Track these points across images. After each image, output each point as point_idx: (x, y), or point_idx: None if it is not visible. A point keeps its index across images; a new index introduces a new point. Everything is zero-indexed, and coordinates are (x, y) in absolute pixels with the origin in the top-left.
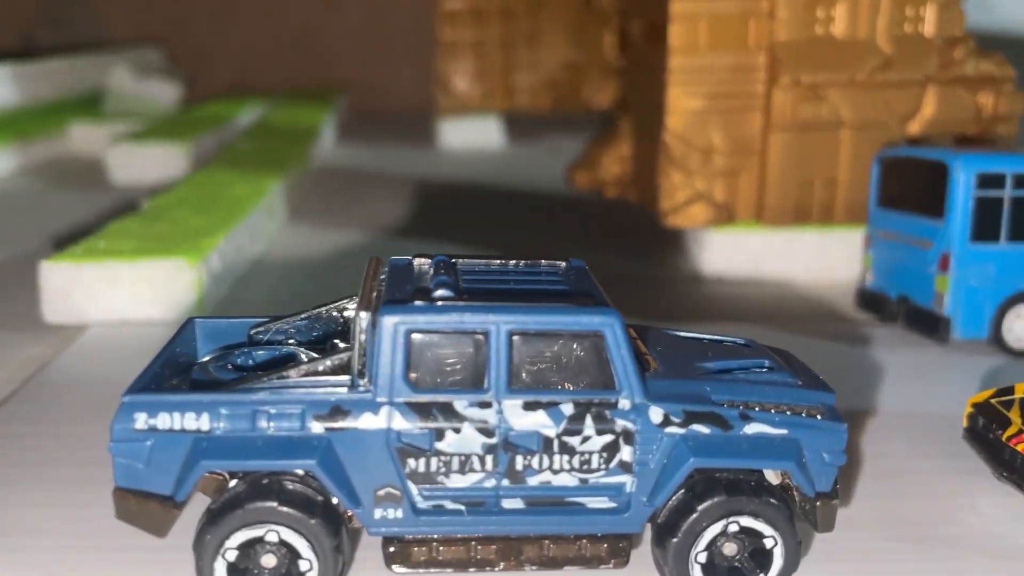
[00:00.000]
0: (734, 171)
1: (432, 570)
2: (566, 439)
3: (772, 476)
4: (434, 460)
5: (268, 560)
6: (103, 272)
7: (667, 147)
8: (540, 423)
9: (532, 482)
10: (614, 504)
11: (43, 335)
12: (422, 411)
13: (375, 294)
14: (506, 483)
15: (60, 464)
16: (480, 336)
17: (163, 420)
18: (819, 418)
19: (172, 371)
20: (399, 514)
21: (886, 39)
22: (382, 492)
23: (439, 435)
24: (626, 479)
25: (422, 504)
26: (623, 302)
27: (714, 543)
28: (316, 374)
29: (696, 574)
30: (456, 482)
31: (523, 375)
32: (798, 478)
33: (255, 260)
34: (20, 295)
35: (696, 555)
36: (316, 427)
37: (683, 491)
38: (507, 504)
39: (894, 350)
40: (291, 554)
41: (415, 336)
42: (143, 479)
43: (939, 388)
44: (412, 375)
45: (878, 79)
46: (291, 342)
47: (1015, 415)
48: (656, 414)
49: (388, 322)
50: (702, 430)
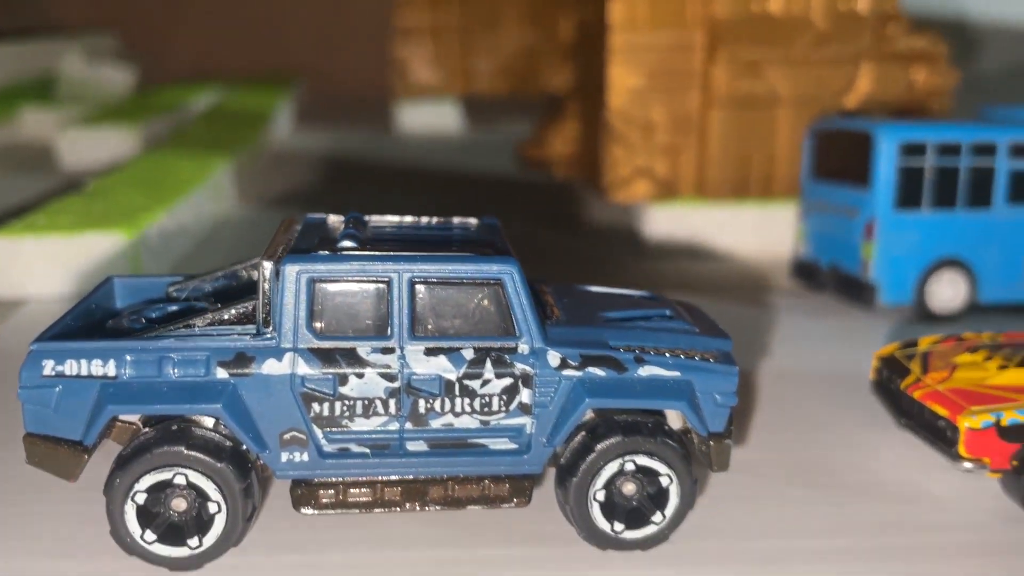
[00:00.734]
0: (675, 147)
1: (339, 511)
2: (467, 383)
3: (675, 420)
4: (338, 404)
5: (178, 504)
6: (41, 247)
7: (609, 124)
8: (442, 367)
9: (435, 425)
10: (515, 445)
11: None
12: (325, 357)
13: (283, 247)
14: (409, 426)
15: None
16: (383, 284)
17: (70, 367)
18: (712, 362)
19: (88, 325)
20: (305, 457)
21: (821, 15)
22: (288, 436)
23: (343, 380)
24: (526, 420)
25: (327, 447)
26: (566, 275)
27: (612, 482)
28: (222, 323)
29: (595, 512)
30: (360, 425)
31: (425, 322)
32: (691, 418)
33: (202, 240)
34: None
35: (595, 493)
36: (221, 373)
37: (583, 433)
38: (411, 446)
39: (823, 316)
40: (200, 497)
41: (318, 285)
42: (52, 424)
43: (860, 350)
44: (316, 323)
45: (813, 55)
46: (206, 298)
47: (915, 366)
48: (554, 358)
49: (291, 271)
50: (598, 373)
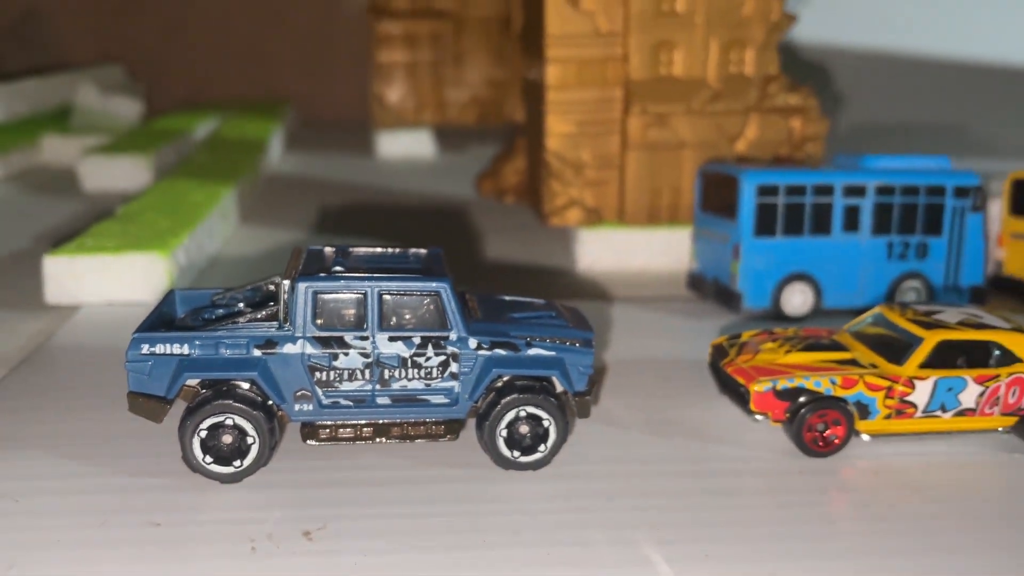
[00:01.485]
0: (600, 181)
1: (331, 443)
2: (416, 359)
3: (558, 385)
4: (332, 373)
5: (226, 438)
6: (92, 264)
7: (547, 163)
8: (399, 349)
9: (395, 386)
10: (448, 400)
11: (45, 314)
12: (324, 342)
13: (295, 270)
14: (378, 387)
15: (71, 402)
16: (361, 295)
17: (159, 348)
18: (578, 346)
19: (163, 322)
20: (310, 408)
21: (715, 77)
22: (299, 393)
23: (335, 357)
24: (455, 384)
25: (325, 401)
26: (510, 285)
27: (512, 424)
28: (256, 320)
29: (501, 445)
30: (346, 387)
31: (389, 319)
32: (563, 382)
33: (212, 255)
34: (24, 283)
35: (500, 431)
36: (256, 352)
37: (493, 392)
38: (379, 400)
39: (702, 317)
40: (241, 434)
41: (319, 295)
42: (146, 385)
43: None
44: (317, 320)
45: (710, 109)
46: (240, 304)
47: (733, 351)
48: (473, 343)
49: (301, 286)
50: (501, 352)
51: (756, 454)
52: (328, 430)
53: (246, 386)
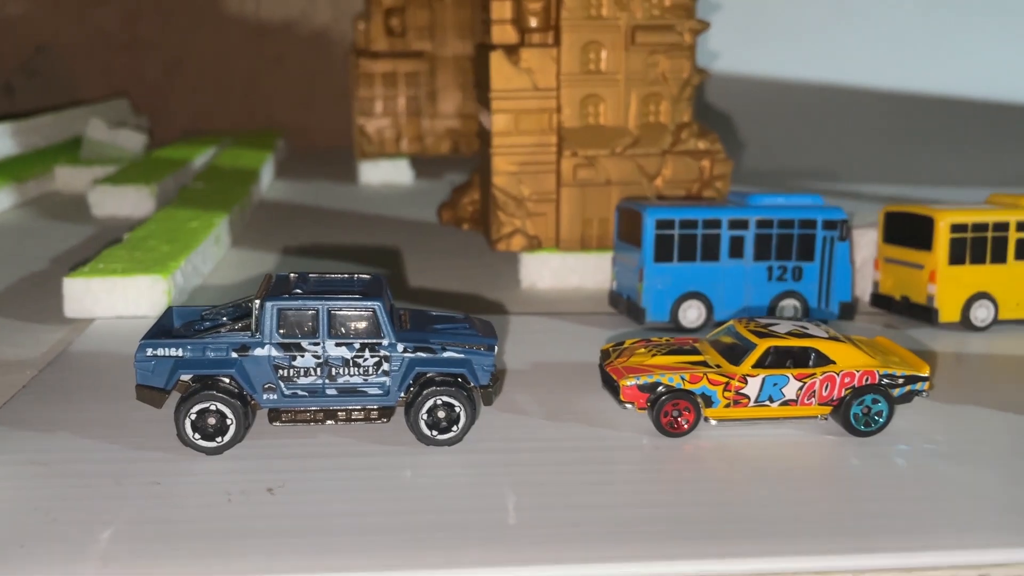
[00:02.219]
0: (539, 213)
1: (291, 424)
2: (356, 359)
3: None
4: (291, 370)
5: (211, 420)
6: (104, 284)
7: (494, 197)
8: (344, 352)
9: (340, 381)
10: (382, 391)
11: (65, 326)
12: (286, 347)
13: (265, 292)
14: (327, 381)
15: (88, 395)
16: (314, 311)
17: (160, 351)
18: (482, 350)
19: (164, 331)
20: (275, 397)
21: (635, 125)
22: (266, 386)
23: (293, 358)
24: (386, 379)
25: (286, 392)
26: (463, 300)
27: (431, 410)
28: (234, 330)
29: (422, 425)
30: (302, 381)
31: (336, 329)
32: (471, 377)
33: (207, 275)
34: (45, 300)
35: (422, 415)
36: (234, 354)
37: (417, 385)
38: (328, 391)
39: (616, 328)
40: (222, 417)
41: (282, 311)
42: (150, 379)
43: None
44: (280, 330)
45: (631, 152)
46: (224, 318)
47: (614, 354)
48: (400, 347)
49: (268, 305)
50: (422, 355)
51: (626, 434)
52: (289, 414)
53: (226, 380)
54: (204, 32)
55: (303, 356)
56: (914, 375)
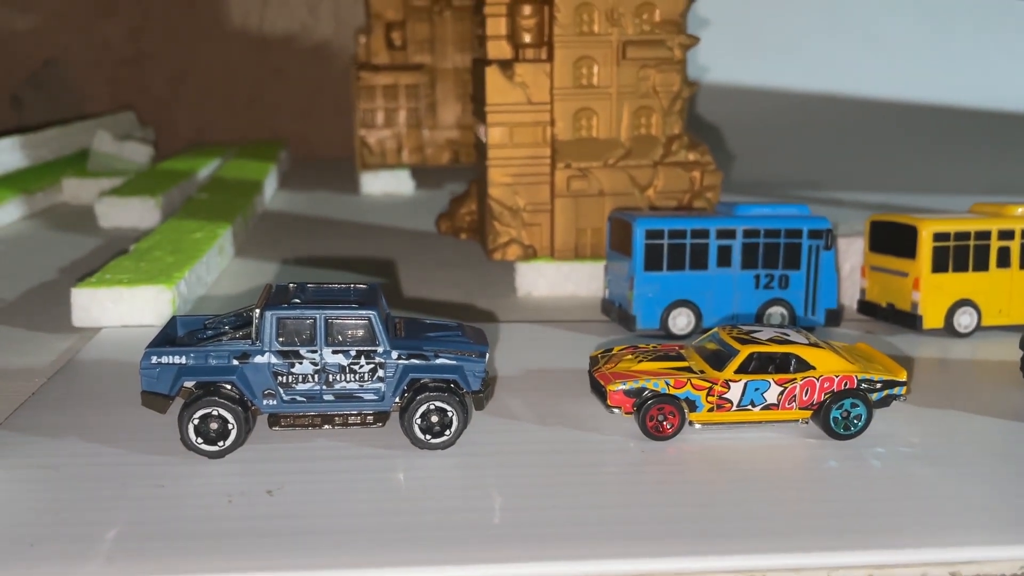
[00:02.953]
0: (534, 223)
1: (290, 429)
2: (353, 366)
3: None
4: (290, 376)
5: (213, 425)
6: (110, 294)
7: (490, 207)
8: (340, 359)
9: (337, 387)
10: (377, 397)
11: (73, 334)
12: (285, 354)
13: (265, 302)
14: (325, 387)
15: (95, 401)
16: (312, 320)
17: (165, 359)
18: (474, 357)
19: (168, 340)
20: (275, 402)
21: (627, 138)
22: (266, 392)
23: (292, 365)
24: (381, 385)
25: (285, 398)
26: (461, 309)
27: (424, 415)
28: (236, 339)
29: (416, 430)
30: (300, 387)
31: (333, 337)
32: (462, 383)
33: (211, 285)
34: (54, 309)
35: (416, 420)
36: (235, 361)
37: (411, 391)
38: (325, 397)
39: (606, 335)
40: (224, 422)
41: (281, 319)
42: (154, 386)
43: None
44: (280, 338)
45: (623, 164)
46: (226, 327)
47: (602, 360)
48: (395, 354)
49: (268, 314)
50: (416, 361)
51: (613, 438)
52: (288, 419)
53: (228, 387)
54: (208, 45)
55: (301, 363)
56: (892, 380)
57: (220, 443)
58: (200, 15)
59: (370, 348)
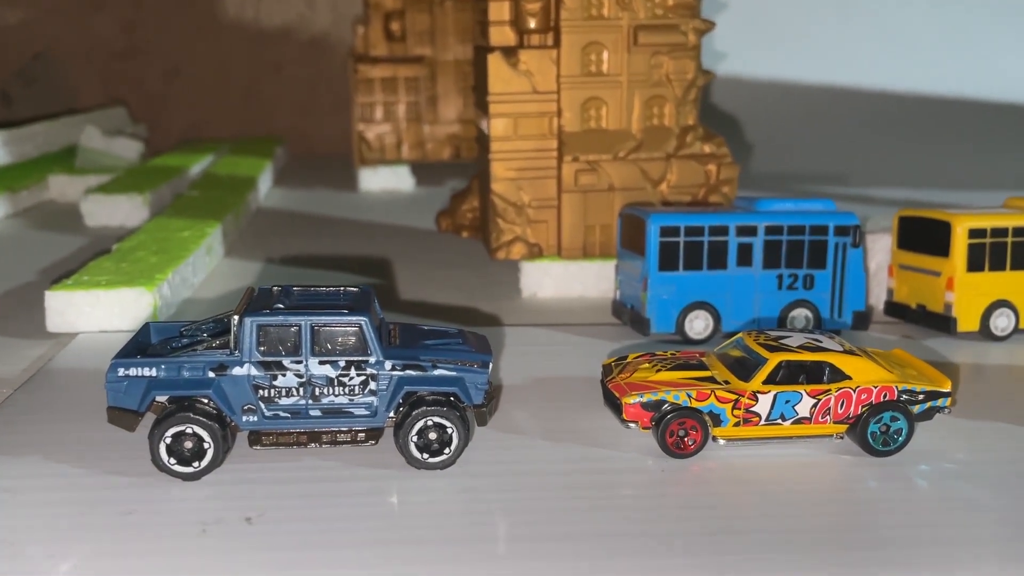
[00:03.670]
0: (540, 220)
1: (272, 448)
2: (342, 378)
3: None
4: (272, 390)
5: (187, 444)
6: (87, 297)
7: (494, 204)
8: (328, 371)
9: (324, 401)
10: (368, 412)
11: (46, 341)
12: (266, 365)
13: (245, 307)
14: (311, 402)
15: (64, 415)
16: (297, 327)
17: (133, 371)
18: (476, 367)
19: (138, 349)
20: (255, 419)
21: (639, 129)
22: (246, 407)
23: (274, 377)
24: (373, 399)
25: (267, 413)
26: (462, 312)
27: (421, 431)
28: (212, 347)
29: (412, 448)
30: (284, 401)
31: (321, 346)
32: (463, 396)
33: (198, 286)
34: (29, 313)
35: (412, 437)
36: (211, 374)
37: (407, 405)
38: (311, 413)
39: (617, 340)
40: (200, 440)
41: (262, 327)
42: (122, 401)
43: None
44: (260, 347)
45: (634, 157)
46: (204, 334)
47: (616, 369)
48: (388, 365)
49: (247, 321)
50: (411, 372)
51: (629, 455)
52: (271, 437)
53: (204, 401)
54: (202, 39)
55: (285, 375)
56: (935, 391)
57: (195, 464)
58: (194, 8)
59: (361, 358)
